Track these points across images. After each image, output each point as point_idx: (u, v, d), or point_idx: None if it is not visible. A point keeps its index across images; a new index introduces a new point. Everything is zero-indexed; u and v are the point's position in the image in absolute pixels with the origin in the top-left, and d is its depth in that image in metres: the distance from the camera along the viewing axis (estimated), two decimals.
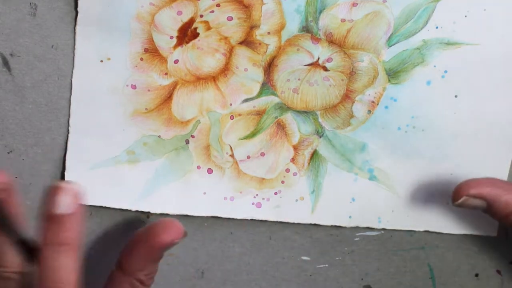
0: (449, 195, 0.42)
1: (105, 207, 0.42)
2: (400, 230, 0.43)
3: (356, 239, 0.44)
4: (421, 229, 0.43)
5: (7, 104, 0.41)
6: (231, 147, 0.41)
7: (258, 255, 0.44)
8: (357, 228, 0.43)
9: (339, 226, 0.43)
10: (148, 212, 0.42)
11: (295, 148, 0.42)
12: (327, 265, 0.44)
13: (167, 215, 0.42)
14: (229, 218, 0.42)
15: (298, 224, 0.43)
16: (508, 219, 0.39)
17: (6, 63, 0.40)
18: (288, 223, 0.43)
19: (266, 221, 0.43)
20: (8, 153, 0.41)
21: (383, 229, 0.43)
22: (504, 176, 0.42)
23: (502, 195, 0.39)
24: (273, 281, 0.44)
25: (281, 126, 0.41)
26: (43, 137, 0.41)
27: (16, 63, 0.40)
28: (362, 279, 0.44)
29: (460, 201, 0.40)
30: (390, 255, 0.44)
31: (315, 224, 0.43)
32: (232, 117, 0.41)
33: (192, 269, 0.44)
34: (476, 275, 0.45)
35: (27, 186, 0.42)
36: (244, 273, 0.44)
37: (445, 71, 0.40)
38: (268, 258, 0.44)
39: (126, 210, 0.42)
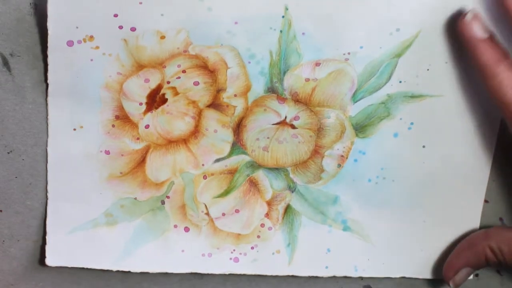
0: (422, 242, 0.43)
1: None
2: None
3: None
4: (398, 276, 0.43)
5: (7, 104, 0.41)
6: (206, 206, 0.42)
7: None
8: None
9: (318, 277, 0.43)
10: (129, 272, 0.43)
11: (269, 203, 0.42)
12: None
13: (147, 274, 0.43)
14: (208, 274, 0.43)
15: (276, 276, 0.44)
16: (488, 263, 0.41)
17: (6, 63, 0.40)
18: (267, 276, 0.44)
19: (244, 274, 0.43)
20: (8, 153, 0.42)
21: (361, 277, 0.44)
22: (477, 221, 0.43)
23: (474, 254, 0.41)
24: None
25: (253, 183, 0.42)
26: (43, 137, 0.41)
27: (16, 63, 0.40)
28: (362, 279, 0.45)
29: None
30: None
31: (292, 276, 0.43)
32: (205, 177, 0.42)
33: None
34: (476, 275, 0.45)
35: (27, 186, 0.42)
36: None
37: (411, 123, 0.41)
38: None
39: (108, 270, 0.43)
